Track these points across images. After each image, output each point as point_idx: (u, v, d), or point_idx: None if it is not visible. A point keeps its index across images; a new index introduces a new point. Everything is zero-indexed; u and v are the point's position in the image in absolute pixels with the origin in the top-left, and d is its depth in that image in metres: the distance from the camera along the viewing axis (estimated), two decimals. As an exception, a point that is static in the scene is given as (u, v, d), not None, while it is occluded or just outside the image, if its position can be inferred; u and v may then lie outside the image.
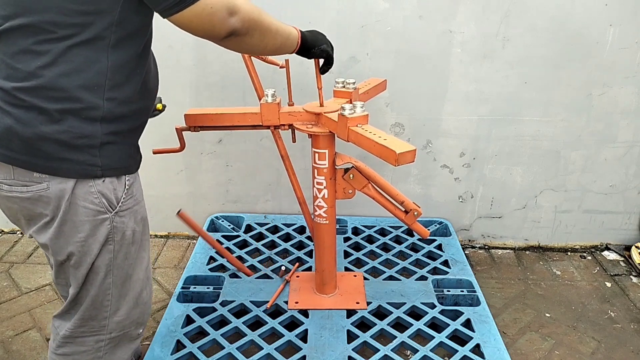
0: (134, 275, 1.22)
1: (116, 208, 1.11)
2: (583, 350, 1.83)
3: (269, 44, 1.18)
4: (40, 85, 0.97)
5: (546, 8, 1.99)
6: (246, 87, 2.10)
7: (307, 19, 2.03)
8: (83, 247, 1.11)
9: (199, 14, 0.98)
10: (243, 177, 2.39)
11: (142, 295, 1.26)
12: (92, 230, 1.10)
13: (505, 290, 2.16)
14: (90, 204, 1.07)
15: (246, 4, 1.05)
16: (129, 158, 1.14)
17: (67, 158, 1.02)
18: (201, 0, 0.97)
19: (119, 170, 1.11)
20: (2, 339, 1.85)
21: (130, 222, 1.16)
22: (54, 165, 1.03)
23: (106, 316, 1.20)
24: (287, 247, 2.24)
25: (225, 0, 1.00)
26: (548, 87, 2.14)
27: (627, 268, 2.33)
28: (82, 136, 1.02)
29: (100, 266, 1.14)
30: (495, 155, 2.28)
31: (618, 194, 2.36)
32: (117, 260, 1.16)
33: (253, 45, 1.14)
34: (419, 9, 2.01)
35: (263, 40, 1.15)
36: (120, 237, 1.14)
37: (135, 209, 1.17)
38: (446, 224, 2.39)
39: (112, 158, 1.08)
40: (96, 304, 1.18)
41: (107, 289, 1.17)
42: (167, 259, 2.34)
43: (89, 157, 1.04)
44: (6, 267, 2.25)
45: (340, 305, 1.85)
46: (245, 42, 1.10)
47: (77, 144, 1.02)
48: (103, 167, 1.07)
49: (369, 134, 1.36)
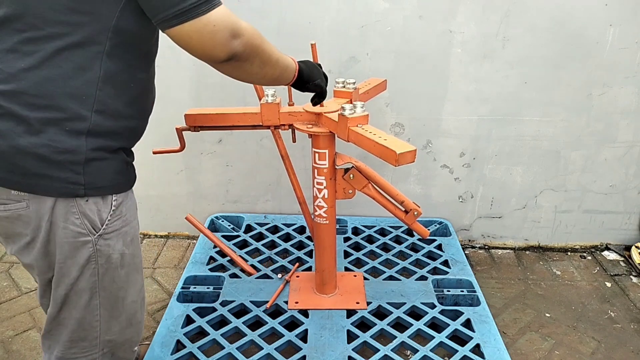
0: (127, 298, 1.15)
1: (100, 230, 1.03)
2: (583, 350, 1.83)
3: (267, 73, 1.13)
4: (22, 89, 0.90)
5: (546, 8, 1.99)
6: (246, 87, 2.09)
7: (307, 19, 2.04)
8: (62, 269, 1.04)
9: (200, 30, 0.91)
10: (243, 177, 2.39)
11: (136, 317, 1.20)
12: (70, 253, 1.02)
13: (505, 290, 2.16)
14: (70, 224, 1.00)
15: (250, 28, 1.00)
16: (118, 176, 1.05)
17: (47, 175, 0.94)
18: (204, 16, 0.91)
19: (104, 189, 1.02)
20: (2, 339, 1.85)
21: (117, 245, 1.08)
22: (32, 182, 0.95)
23: (96, 336, 1.14)
24: (287, 247, 2.24)
25: (229, 21, 0.94)
26: (548, 87, 2.14)
27: (627, 268, 2.33)
28: (65, 151, 0.94)
29: (83, 289, 1.07)
30: (495, 155, 2.28)
31: (618, 194, 2.36)
32: (103, 283, 1.09)
33: (251, 73, 1.08)
34: (419, 9, 2.01)
35: (262, 69, 1.09)
36: (105, 261, 1.07)
37: (125, 231, 1.09)
38: (446, 224, 2.39)
39: (97, 176, 0.99)
40: (84, 325, 1.12)
41: (95, 311, 1.11)
42: (167, 259, 2.34)
43: (71, 175, 0.96)
44: (6, 267, 2.25)
45: (340, 305, 1.85)
46: (244, 68, 1.04)
47: (58, 159, 0.94)
48: (86, 186, 0.98)
49: (369, 134, 1.36)
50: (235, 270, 2.05)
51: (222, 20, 0.93)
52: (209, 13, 0.91)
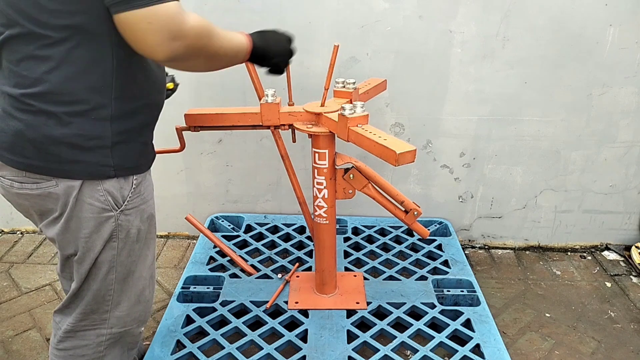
0: (137, 272, 1.22)
1: (122, 206, 1.11)
2: (583, 350, 1.83)
3: (214, 66, 1.11)
4: (48, 90, 0.97)
5: (546, 8, 1.99)
6: (246, 87, 2.09)
7: (307, 19, 2.04)
8: (87, 244, 1.11)
9: (133, 25, 0.88)
10: (243, 177, 2.39)
11: (144, 293, 1.26)
12: (96, 227, 1.10)
13: (505, 290, 2.16)
14: (96, 201, 1.07)
15: (197, 27, 0.95)
16: (141, 157, 1.14)
17: (80, 160, 1.03)
18: (140, 10, 0.86)
19: (130, 170, 1.11)
20: (2, 339, 1.85)
21: (135, 221, 1.15)
22: (67, 167, 1.03)
23: (107, 310, 1.21)
24: (287, 247, 2.24)
25: (169, 21, 0.88)
26: (548, 87, 2.14)
27: (627, 268, 2.33)
28: (93, 137, 1.02)
29: (103, 262, 1.15)
30: (495, 155, 2.28)
31: (618, 194, 2.36)
32: (120, 257, 1.16)
33: (195, 68, 1.06)
34: (419, 9, 2.01)
35: (208, 63, 1.07)
36: (125, 235, 1.14)
37: (142, 208, 1.16)
38: (446, 224, 2.39)
39: (124, 158, 1.08)
40: (98, 298, 1.18)
41: (110, 284, 1.18)
42: (167, 259, 2.34)
43: (101, 158, 1.05)
44: (6, 267, 2.25)
45: (340, 305, 1.85)
46: (186, 65, 1.02)
47: (89, 145, 1.02)
48: (115, 167, 1.07)
49: (369, 134, 1.36)
50: (235, 270, 2.05)
51: (160, 18, 0.87)
52: (147, 8, 0.86)
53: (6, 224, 2.54)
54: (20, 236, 2.50)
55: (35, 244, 2.43)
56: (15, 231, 2.54)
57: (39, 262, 2.29)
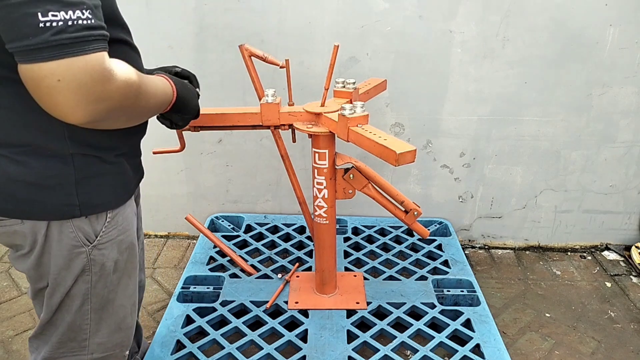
0: (117, 301, 1.13)
1: (94, 241, 1.02)
2: (583, 350, 1.83)
3: (132, 123, 0.94)
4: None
5: (546, 8, 1.99)
6: (246, 87, 2.10)
7: (307, 19, 2.04)
8: (57, 279, 1.03)
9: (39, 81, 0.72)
10: (243, 177, 2.39)
11: (125, 321, 1.18)
12: (66, 264, 1.01)
13: (505, 290, 2.16)
14: (65, 238, 0.98)
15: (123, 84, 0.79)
16: (116, 190, 1.02)
17: (39, 200, 0.92)
18: (51, 63, 0.70)
19: (101, 206, 0.99)
20: (2, 339, 1.85)
21: (112, 253, 1.06)
22: (26, 208, 0.93)
23: (86, 338, 1.13)
24: (287, 247, 2.24)
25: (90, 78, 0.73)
26: (548, 87, 2.14)
27: (627, 268, 2.33)
28: (52, 175, 0.91)
29: (76, 295, 1.06)
30: (495, 155, 2.28)
31: (618, 194, 2.36)
32: (95, 290, 1.08)
33: (110, 127, 0.89)
34: (419, 9, 2.01)
35: (126, 122, 0.91)
36: (99, 269, 1.05)
37: (120, 239, 1.07)
38: (446, 224, 2.39)
39: (93, 194, 0.96)
40: (74, 328, 1.11)
41: (85, 315, 1.10)
42: (167, 259, 2.34)
43: (64, 197, 0.93)
44: (6, 267, 2.25)
45: (340, 305, 1.85)
46: (101, 125, 0.85)
47: (48, 183, 0.91)
48: (82, 206, 0.96)
49: (369, 134, 1.36)
50: (235, 270, 2.05)
51: (76, 76, 0.71)
52: (58, 61, 0.70)
53: (6, 224, 2.54)
54: (20, 236, 2.50)
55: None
56: (15, 231, 2.53)
57: (39, 262, 2.29)
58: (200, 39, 2.07)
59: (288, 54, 2.02)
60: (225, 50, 2.09)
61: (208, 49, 2.09)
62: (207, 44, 2.09)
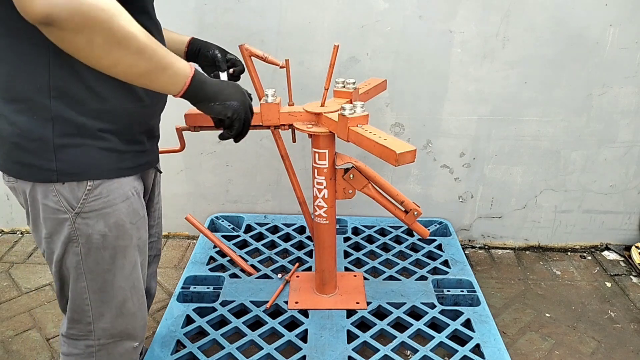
0: (115, 282, 1.14)
1: (76, 208, 1.04)
2: (583, 350, 1.83)
3: (121, 62, 0.86)
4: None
5: (546, 8, 1.99)
6: (246, 87, 2.09)
7: (307, 19, 2.04)
8: (49, 244, 1.09)
9: None
10: (243, 177, 2.39)
11: (126, 305, 1.18)
12: (54, 228, 1.06)
13: (505, 290, 2.16)
14: (49, 201, 1.03)
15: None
16: (99, 162, 1.03)
17: (24, 162, 1.00)
18: None
19: (78, 175, 1.01)
20: (2, 339, 1.85)
21: (97, 225, 1.06)
22: (17, 168, 1.02)
23: (90, 322, 1.16)
24: (287, 247, 2.24)
25: None
26: (548, 87, 2.14)
27: (627, 268, 2.33)
28: (35, 138, 0.97)
29: (69, 268, 1.10)
30: (495, 155, 2.28)
31: (618, 194, 2.36)
32: (87, 265, 1.10)
33: (90, 55, 0.83)
34: (419, 9, 2.01)
35: (109, 52, 0.83)
36: (86, 240, 1.07)
37: (106, 212, 1.06)
38: (446, 224, 2.39)
39: (71, 163, 1.00)
40: (76, 307, 1.15)
41: (83, 293, 1.13)
42: (167, 259, 2.34)
43: (44, 162, 0.99)
44: (6, 267, 2.25)
45: (340, 305, 1.85)
46: (73, 42, 0.80)
47: (31, 147, 0.98)
48: (59, 172, 0.99)
49: (369, 134, 1.36)
50: (235, 270, 2.05)
51: None
52: None
53: (6, 224, 2.54)
54: (20, 236, 2.50)
55: (35, 244, 2.43)
56: (15, 231, 2.54)
57: (39, 262, 2.29)
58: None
59: (288, 54, 2.02)
60: (225, 50, 2.08)
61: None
62: (207, 44, 2.08)
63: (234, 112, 1.09)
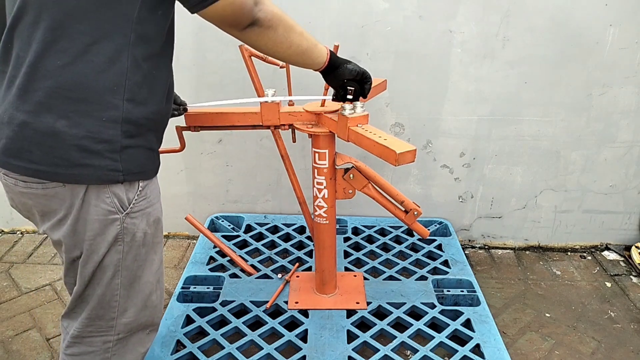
0: (143, 277, 1.19)
1: (127, 209, 1.09)
2: (583, 350, 1.83)
3: (293, 43, 1.16)
4: (59, 85, 0.95)
5: (546, 8, 1.99)
6: (246, 87, 2.09)
7: (307, 19, 2.04)
8: (91, 246, 1.09)
9: (224, 8, 1.00)
10: (243, 177, 2.39)
11: (151, 298, 1.23)
12: (101, 230, 1.08)
13: (505, 290, 2.16)
14: (102, 203, 1.05)
15: (269, 1, 1.08)
16: (147, 162, 1.11)
17: (89, 164, 1.00)
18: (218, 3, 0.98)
19: (138, 175, 1.08)
20: (2, 339, 1.85)
21: (141, 224, 1.13)
22: (76, 172, 1.00)
23: (114, 317, 1.18)
24: (287, 247, 2.24)
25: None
26: (548, 87, 2.14)
27: (627, 268, 2.33)
28: (103, 140, 1.00)
29: (108, 265, 1.12)
30: (495, 155, 2.28)
31: (618, 194, 2.36)
32: (125, 262, 1.14)
33: (276, 42, 1.13)
34: (419, 9, 2.01)
35: (288, 38, 1.14)
36: (130, 239, 1.12)
37: (149, 211, 1.14)
38: (446, 224, 2.39)
39: (132, 162, 1.05)
40: (103, 304, 1.16)
41: (115, 289, 1.15)
42: (167, 259, 2.34)
43: (110, 162, 1.02)
44: (6, 267, 2.25)
45: (340, 305, 1.85)
46: (268, 35, 1.10)
47: (97, 148, 1.00)
48: (124, 172, 1.04)
49: (369, 134, 1.36)
50: (235, 270, 2.05)
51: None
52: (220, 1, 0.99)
53: (6, 224, 2.54)
54: (20, 236, 2.50)
55: (35, 244, 2.43)
56: (15, 231, 2.54)
57: (39, 262, 2.29)
58: (199, 39, 2.07)
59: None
60: (225, 50, 2.09)
61: (207, 49, 2.09)
62: (207, 43, 2.09)
63: (363, 68, 1.37)
